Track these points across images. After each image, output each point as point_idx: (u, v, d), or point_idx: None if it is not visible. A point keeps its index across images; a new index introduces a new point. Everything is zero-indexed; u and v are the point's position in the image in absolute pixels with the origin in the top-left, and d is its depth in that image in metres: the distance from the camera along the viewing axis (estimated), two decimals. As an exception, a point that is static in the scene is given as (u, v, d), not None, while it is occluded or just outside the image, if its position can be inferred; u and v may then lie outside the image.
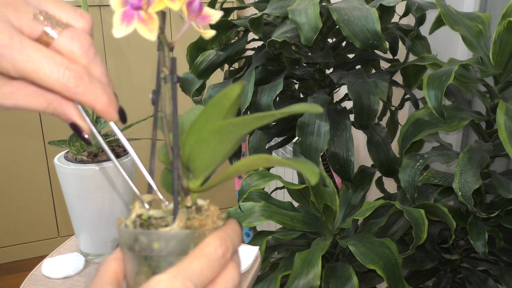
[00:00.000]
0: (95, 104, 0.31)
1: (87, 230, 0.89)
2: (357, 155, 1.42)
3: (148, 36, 0.28)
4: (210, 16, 0.30)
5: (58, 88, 0.29)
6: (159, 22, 0.28)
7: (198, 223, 0.30)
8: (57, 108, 0.32)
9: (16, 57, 0.28)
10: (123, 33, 0.27)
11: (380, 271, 0.64)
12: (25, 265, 2.21)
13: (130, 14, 0.27)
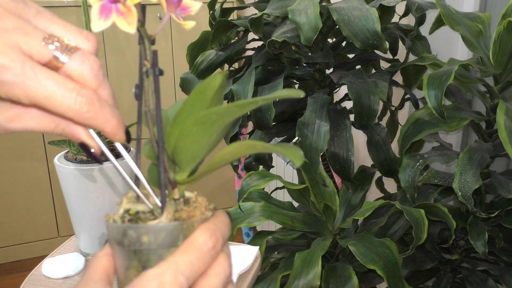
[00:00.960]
0: (105, 127, 0.32)
1: (87, 230, 0.89)
2: (357, 155, 1.42)
3: (127, 29, 0.28)
4: (190, 7, 0.30)
5: (70, 114, 0.29)
6: (138, 14, 0.28)
7: (186, 215, 0.30)
8: (65, 129, 0.32)
9: (29, 85, 0.28)
10: (101, 27, 0.27)
11: (380, 271, 0.64)
12: (25, 265, 2.21)
13: (108, 8, 0.27)
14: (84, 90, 0.30)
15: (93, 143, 0.33)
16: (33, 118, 0.31)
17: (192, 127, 0.28)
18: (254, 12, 1.15)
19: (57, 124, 0.32)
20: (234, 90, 0.78)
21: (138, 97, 0.32)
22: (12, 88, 0.28)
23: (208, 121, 0.28)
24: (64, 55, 0.29)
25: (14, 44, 0.28)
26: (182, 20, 0.30)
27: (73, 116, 0.30)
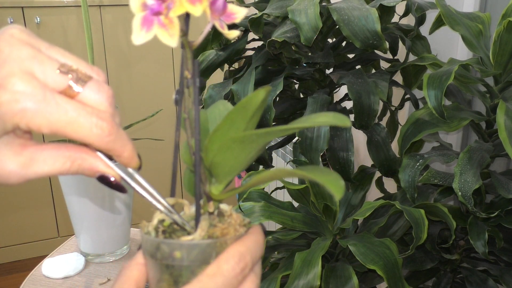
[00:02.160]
0: (123, 151, 0.32)
1: (87, 230, 0.89)
2: (357, 155, 1.42)
3: (169, 41, 0.26)
4: (235, 13, 0.29)
5: (92, 139, 0.29)
6: (180, 25, 0.27)
7: (220, 232, 0.30)
8: (82, 164, 0.31)
9: (51, 112, 0.28)
10: (143, 39, 0.26)
11: (380, 271, 0.64)
12: (25, 265, 2.21)
13: (149, 19, 0.26)
14: (103, 114, 0.30)
15: (112, 172, 0.32)
16: (46, 161, 0.31)
17: (232, 143, 0.28)
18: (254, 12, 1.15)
19: (72, 161, 0.31)
20: (234, 90, 0.78)
21: (178, 103, 0.31)
22: (34, 116, 0.28)
23: (248, 140, 0.28)
24: (78, 84, 0.30)
25: (30, 72, 0.28)
26: (226, 28, 0.29)
27: (94, 140, 0.30)
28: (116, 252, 0.92)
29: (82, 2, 0.81)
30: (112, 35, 2.11)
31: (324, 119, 0.27)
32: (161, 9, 0.26)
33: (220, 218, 0.32)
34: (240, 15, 0.29)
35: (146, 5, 0.26)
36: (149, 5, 0.26)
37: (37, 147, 0.31)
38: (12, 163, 0.30)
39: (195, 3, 0.26)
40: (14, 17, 1.96)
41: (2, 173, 0.30)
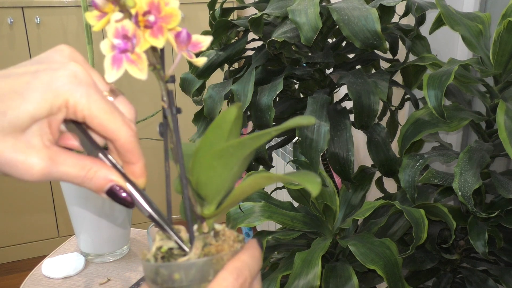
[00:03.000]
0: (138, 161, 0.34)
1: (87, 230, 0.89)
2: (357, 155, 1.42)
3: (139, 75, 0.28)
4: (200, 43, 0.31)
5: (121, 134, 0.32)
6: (150, 58, 0.29)
7: (215, 250, 0.31)
8: (97, 172, 0.33)
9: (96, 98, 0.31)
10: (114, 77, 0.28)
11: (380, 271, 0.64)
12: (25, 265, 2.21)
13: (119, 58, 0.28)
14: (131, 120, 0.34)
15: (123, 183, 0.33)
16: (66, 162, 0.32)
17: (212, 161, 0.29)
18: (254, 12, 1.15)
19: (88, 169, 0.32)
20: (234, 90, 0.78)
21: (163, 135, 0.33)
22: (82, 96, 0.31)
23: (226, 154, 0.29)
24: (111, 95, 0.33)
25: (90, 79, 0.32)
26: (194, 57, 0.31)
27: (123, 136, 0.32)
28: (116, 252, 0.92)
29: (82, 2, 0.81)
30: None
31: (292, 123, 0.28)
32: (127, 46, 0.28)
33: (216, 237, 0.32)
34: (205, 44, 0.31)
35: (114, 46, 0.28)
36: (116, 45, 0.28)
37: (62, 149, 0.33)
38: (38, 154, 0.31)
39: (157, 36, 0.28)
40: (14, 17, 1.96)
41: (26, 162, 0.30)
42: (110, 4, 0.28)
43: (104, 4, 0.28)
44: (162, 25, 0.28)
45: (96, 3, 0.28)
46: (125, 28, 0.28)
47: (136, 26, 0.28)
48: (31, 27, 1.99)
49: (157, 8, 0.28)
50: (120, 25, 0.28)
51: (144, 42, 0.28)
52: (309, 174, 0.26)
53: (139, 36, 0.28)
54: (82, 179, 0.32)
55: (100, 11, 0.28)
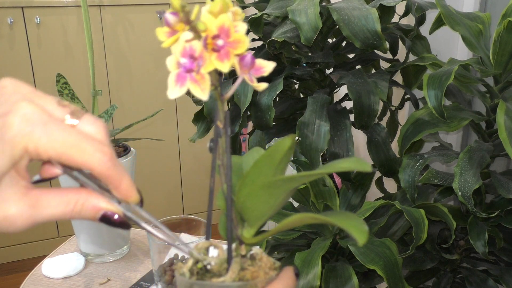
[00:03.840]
0: (121, 181, 0.32)
1: (87, 230, 0.89)
2: (357, 155, 1.42)
3: (200, 95, 0.29)
4: (263, 67, 0.31)
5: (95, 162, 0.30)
6: (211, 79, 0.29)
7: (250, 275, 0.31)
8: (84, 203, 0.32)
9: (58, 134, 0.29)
10: (177, 94, 0.29)
11: (380, 271, 0.64)
12: (25, 265, 2.21)
13: (183, 76, 0.29)
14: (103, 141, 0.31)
15: (115, 209, 0.33)
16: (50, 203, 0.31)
17: (260, 190, 0.30)
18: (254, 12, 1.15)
19: (75, 203, 0.32)
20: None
21: (213, 151, 0.33)
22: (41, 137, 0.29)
23: (274, 186, 0.30)
24: (74, 117, 0.31)
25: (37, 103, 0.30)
26: (255, 81, 0.31)
27: (97, 164, 0.30)
28: (116, 252, 0.92)
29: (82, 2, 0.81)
30: (112, 35, 2.11)
31: (346, 165, 0.28)
32: (192, 66, 0.28)
33: (252, 261, 0.33)
34: (268, 69, 0.31)
35: (180, 64, 0.28)
36: (182, 64, 0.28)
37: (41, 190, 0.31)
38: (17, 206, 0.30)
39: (223, 60, 0.29)
40: (14, 17, 1.95)
41: (7, 217, 0.30)
42: (182, 23, 0.28)
43: (176, 23, 0.28)
44: (229, 49, 0.29)
45: (168, 21, 0.28)
46: (192, 49, 0.28)
47: (204, 47, 0.28)
48: (31, 27, 1.99)
49: (227, 33, 0.29)
50: (189, 45, 0.28)
51: (210, 64, 0.29)
52: (355, 219, 0.27)
53: (206, 58, 0.28)
54: (70, 215, 0.31)
55: (171, 29, 0.29)
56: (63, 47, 2.05)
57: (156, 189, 2.36)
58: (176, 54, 0.28)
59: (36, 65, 2.03)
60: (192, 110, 1.07)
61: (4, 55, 1.98)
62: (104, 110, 0.91)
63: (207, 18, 0.29)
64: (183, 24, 0.28)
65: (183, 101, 2.28)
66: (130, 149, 0.90)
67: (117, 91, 2.19)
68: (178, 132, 2.33)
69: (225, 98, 0.32)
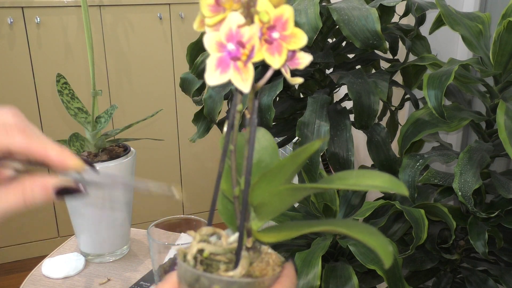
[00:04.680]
0: (47, 150, 0.32)
1: (87, 230, 0.89)
2: (357, 155, 1.42)
3: (241, 85, 0.26)
4: (300, 59, 0.28)
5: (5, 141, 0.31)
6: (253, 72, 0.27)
7: (259, 272, 0.31)
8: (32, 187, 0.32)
9: None
10: (217, 81, 0.26)
11: (380, 271, 0.64)
12: (25, 265, 2.21)
13: (226, 62, 0.26)
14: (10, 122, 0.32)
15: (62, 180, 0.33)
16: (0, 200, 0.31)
17: (285, 190, 0.29)
18: (254, 12, 1.15)
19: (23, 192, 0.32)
20: (234, 90, 0.78)
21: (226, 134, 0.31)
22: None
23: (300, 189, 0.29)
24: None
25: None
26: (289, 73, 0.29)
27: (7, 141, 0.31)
28: (116, 252, 0.92)
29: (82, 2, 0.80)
30: (112, 35, 2.11)
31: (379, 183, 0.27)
32: (239, 54, 0.26)
33: (255, 253, 0.32)
34: (305, 62, 0.28)
35: (224, 47, 0.26)
36: (229, 49, 0.26)
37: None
38: None
39: (274, 54, 0.26)
40: (14, 17, 1.95)
41: None
42: (231, 1, 0.25)
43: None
44: (282, 43, 0.26)
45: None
46: (241, 34, 0.25)
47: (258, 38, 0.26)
48: (31, 27, 1.99)
49: (284, 25, 0.26)
50: (237, 29, 0.25)
51: (258, 54, 0.26)
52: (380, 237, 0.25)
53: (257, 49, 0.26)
54: (25, 203, 0.31)
55: (217, 3, 0.26)
56: (63, 47, 2.05)
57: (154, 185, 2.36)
58: (221, 34, 0.26)
59: (36, 65, 2.03)
60: (192, 110, 1.07)
61: (4, 55, 1.98)
62: (104, 110, 0.91)
63: (266, 5, 0.26)
64: (232, 2, 0.25)
65: (183, 101, 2.28)
66: (130, 149, 0.90)
67: (117, 91, 2.19)
68: (178, 132, 2.33)
69: (257, 87, 0.29)
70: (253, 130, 0.29)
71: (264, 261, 0.32)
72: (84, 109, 0.89)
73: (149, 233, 0.69)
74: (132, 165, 0.87)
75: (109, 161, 0.84)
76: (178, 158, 2.37)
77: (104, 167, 0.83)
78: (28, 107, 2.06)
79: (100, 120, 0.89)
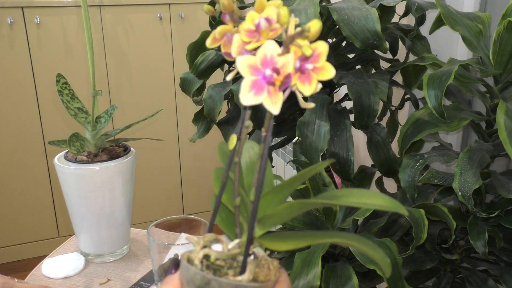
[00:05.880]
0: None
1: (87, 230, 0.89)
2: (357, 155, 1.42)
3: (271, 108, 0.28)
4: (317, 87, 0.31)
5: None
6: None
7: (263, 277, 0.32)
8: None
9: None
10: (250, 102, 0.28)
11: (380, 271, 0.64)
12: (25, 265, 2.21)
13: (261, 86, 0.28)
14: None
15: None
16: None
17: (296, 204, 0.31)
18: (254, 12, 1.15)
19: None
20: (234, 90, 0.78)
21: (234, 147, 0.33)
22: None
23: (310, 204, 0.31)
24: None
25: None
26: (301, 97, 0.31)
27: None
28: (116, 252, 0.92)
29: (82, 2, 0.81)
30: (112, 35, 2.11)
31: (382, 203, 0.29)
32: (273, 79, 0.28)
33: (255, 259, 0.34)
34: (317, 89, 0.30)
35: (259, 71, 0.28)
36: (266, 74, 0.28)
37: None
38: None
39: (304, 83, 0.28)
40: (14, 17, 1.95)
41: None
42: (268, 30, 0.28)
43: (266, 28, 0.28)
44: (313, 74, 0.29)
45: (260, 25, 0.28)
46: (275, 61, 0.28)
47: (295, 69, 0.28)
48: (31, 27, 1.99)
49: (317, 58, 0.29)
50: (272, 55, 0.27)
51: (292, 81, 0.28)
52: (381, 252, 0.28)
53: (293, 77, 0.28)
54: None
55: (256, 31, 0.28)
56: (63, 47, 2.05)
57: (156, 189, 2.36)
58: (256, 60, 0.28)
59: (36, 65, 2.03)
60: (192, 110, 1.07)
61: (4, 55, 1.98)
62: (104, 110, 0.91)
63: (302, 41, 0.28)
64: (269, 31, 0.28)
65: (183, 101, 2.28)
66: (130, 149, 0.90)
67: (117, 91, 2.19)
68: (178, 132, 2.33)
69: None
70: (266, 147, 0.31)
71: (266, 267, 0.33)
72: (84, 109, 0.89)
73: (149, 233, 0.69)
74: (132, 165, 0.87)
75: (109, 161, 0.84)
76: (178, 158, 2.37)
77: (104, 167, 0.84)
78: (28, 107, 2.06)
79: (100, 120, 0.89)
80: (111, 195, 0.86)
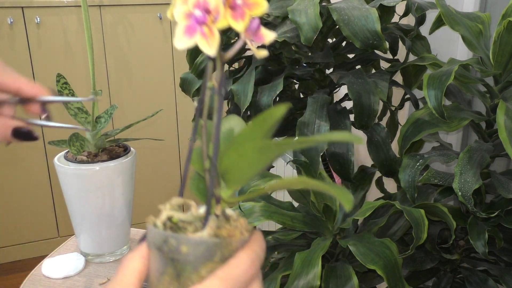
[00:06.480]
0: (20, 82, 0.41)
1: (87, 230, 0.89)
2: (357, 155, 1.42)
3: (208, 50, 0.29)
4: (265, 36, 0.31)
5: None
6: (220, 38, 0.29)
7: (226, 233, 0.31)
8: None
9: None
10: (185, 45, 0.28)
11: (380, 271, 0.64)
12: (25, 265, 2.21)
13: (193, 28, 0.28)
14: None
15: (21, 123, 0.40)
16: None
17: (251, 152, 0.30)
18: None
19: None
20: (234, 90, 0.78)
21: (199, 112, 0.33)
22: None
23: (267, 149, 0.30)
24: None
25: None
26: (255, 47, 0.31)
27: None
28: (116, 252, 0.92)
29: (82, 2, 0.81)
30: (112, 35, 2.11)
31: (339, 136, 0.29)
32: (205, 19, 0.28)
33: (225, 221, 0.33)
34: (269, 38, 0.31)
35: (191, 15, 0.28)
36: (196, 15, 0.28)
37: None
38: None
39: (237, 20, 0.28)
40: (14, 17, 1.95)
41: None
42: None
43: None
44: (245, 10, 0.29)
45: None
46: (207, 2, 0.28)
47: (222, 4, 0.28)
48: (31, 27, 1.99)
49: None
50: None
51: (223, 20, 0.28)
52: (344, 190, 0.28)
53: (221, 14, 0.28)
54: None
55: None
56: (63, 47, 2.05)
57: (156, 189, 2.36)
58: (189, 4, 0.28)
59: (36, 65, 2.03)
60: (192, 110, 1.07)
61: (4, 55, 1.98)
62: (104, 110, 0.91)
63: None
64: None
65: (183, 101, 2.28)
66: (130, 149, 0.90)
67: (117, 91, 2.19)
68: (178, 132, 2.33)
69: (225, 57, 0.31)
70: (220, 100, 0.31)
71: (232, 225, 0.33)
72: (84, 109, 0.89)
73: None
74: (132, 165, 0.87)
75: (109, 161, 0.84)
76: (178, 158, 2.37)
77: (104, 167, 0.83)
78: (28, 107, 2.06)
79: (100, 120, 0.89)
80: (111, 195, 0.86)
